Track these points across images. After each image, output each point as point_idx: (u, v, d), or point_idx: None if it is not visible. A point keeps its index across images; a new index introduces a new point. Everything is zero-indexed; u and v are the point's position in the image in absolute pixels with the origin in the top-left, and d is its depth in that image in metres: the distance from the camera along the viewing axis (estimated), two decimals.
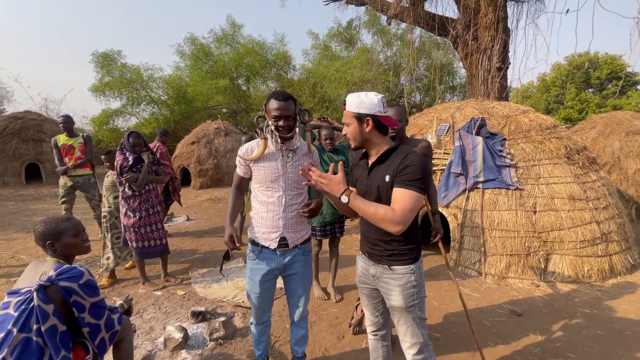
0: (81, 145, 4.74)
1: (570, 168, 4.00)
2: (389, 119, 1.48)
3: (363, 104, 1.44)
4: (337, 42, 18.46)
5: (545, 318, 2.88)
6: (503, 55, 6.89)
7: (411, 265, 1.49)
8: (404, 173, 1.37)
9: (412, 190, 1.35)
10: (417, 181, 1.36)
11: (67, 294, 1.45)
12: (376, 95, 1.46)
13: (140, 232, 3.19)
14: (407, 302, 1.48)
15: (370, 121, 1.45)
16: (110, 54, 15.02)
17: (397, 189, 1.38)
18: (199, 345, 2.43)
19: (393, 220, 1.33)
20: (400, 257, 1.50)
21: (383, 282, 1.54)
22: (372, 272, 1.59)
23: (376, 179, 1.49)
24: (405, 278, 1.48)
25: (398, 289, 1.49)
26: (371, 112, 1.44)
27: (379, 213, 1.36)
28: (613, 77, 22.64)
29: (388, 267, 1.51)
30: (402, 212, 1.33)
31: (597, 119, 7.45)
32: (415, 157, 1.39)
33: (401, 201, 1.35)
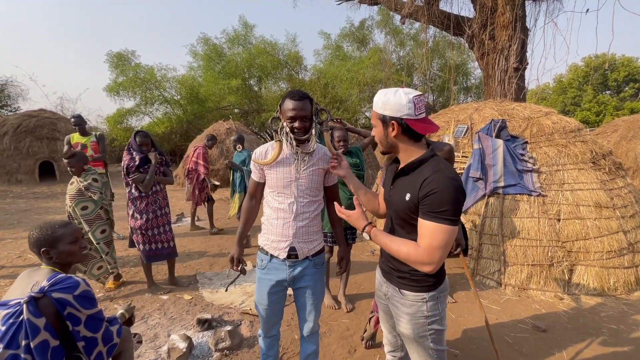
0: (93, 144, 4.75)
1: (596, 174, 3.77)
2: (421, 124, 1.21)
3: (388, 104, 1.21)
4: (349, 42, 18.32)
5: (570, 334, 2.68)
6: (521, 55, 6.64)
7: (423, 294, 1.28)
8: (428, 201, 1.14)
9: (439, 223, 1.12)
10: (445, 212, 1.11)
11: (60, 306, 1.35)
12: (407, 94, 1.20)
13: (147, 234, 3.11)
14: (417, 333, 1.31)
15: (395, 125, 1.22)
16: (124, 54, 15.22)
17: (423, 221, 1.16)
18: (203, 355, 2.33)
19: (418, 261, 1.16)
20: (411, 281, 1.31)
21: (393, 305, 1.39)
22: (384, 290, 1.45)
23: (398, 193, 1.29)
24: (415, 307, 1.30)
25: (407, 317, 1.32)
26: (397, 115, 1.20)
27: (401, 252, 1.20)
28: (630, 80, 21.93)
29: (398, 290, 1.35)
30: (428, 251, 1.14)
31: (619, 122, 7.14)
32: (442, 180, 1.13)
33: (428, 237, 1.14)
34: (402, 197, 1.25)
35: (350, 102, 15.14)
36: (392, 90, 1.23)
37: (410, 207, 1.21)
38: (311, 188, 1.68)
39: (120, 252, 4.44)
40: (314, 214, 1.71)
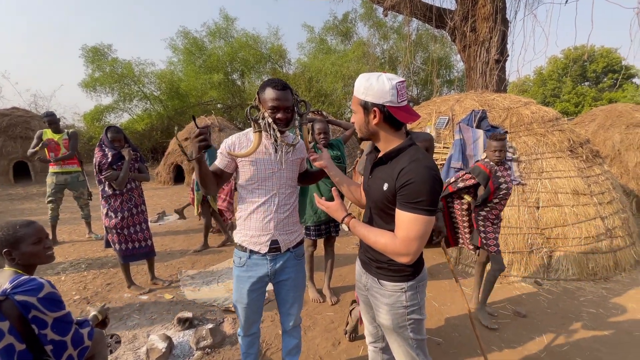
0: (66, 141, 4.57)
1: (573, 162, 3.86)
2: (402, 112, 1.17)
3: (371, 90, 1.17)
4: (333, 35, 18.20)
5: (550, 319, 2.75)
6: (501, 47, 6.73)
7: (402, 284, 1.27)
8: (405, 192, 1.12)
9: (416, 213, 1.10)
10: (422, 202, 1.10)
11: (24, 309, 1.28)
12: (390, 80, 1.15)
13: (123, 233, 3.00)
14: (396, 323, 1.30)
15: (377, 112, 1.18)
16: (100, 48, 14.63)
17: (400, 212, 1.15)
18: (184, 354, 2.27)
19: (395, 252, 1.15)
20: (389, 271, 1.29)
21: (372, 296, 1.38)
22: (363, 281, 1.43)
23: (376, 182, 1.27)
24: (394, 297, 1.28)
25: (386, 307, 1.31)
26: (380, 101, 1.16)
27: (379, 243, 1.19)
28: (609, 70, 22.62)
29: (377, 281, 1.33)
30: (405, 242, 1.13)
31: (597, 112, 7.34)
32: (419, 170, 1.11)
33: (405, 228, 1.13)
34: (380, 187, 1.22)
35: (335, 96, 15.08)
36: (374, 75, 1.18)
37: (388, 197, 1.19)
38: (292, 178, 1.65)
39: (97, 254, 4.30)
40: (294, 205, 1.68)
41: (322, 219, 2.80)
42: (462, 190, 2.65)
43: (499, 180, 2.51)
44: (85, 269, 3.78)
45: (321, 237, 2.90)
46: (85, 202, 4.83)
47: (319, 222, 2.83)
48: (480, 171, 2.55)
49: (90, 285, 3.39)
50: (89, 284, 3.42)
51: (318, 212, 2.79)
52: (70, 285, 3.38)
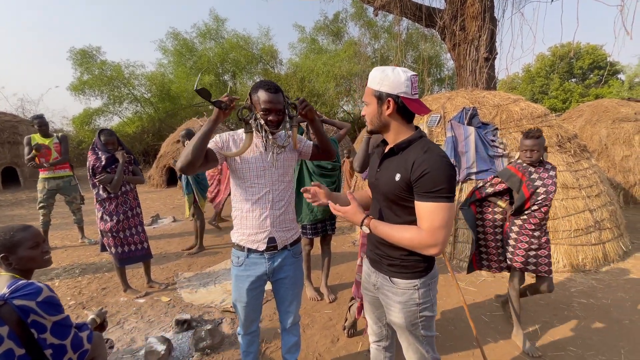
0: (56, 145, 4.50)
1: (562, 156, 3.95)
2: (415, 104, 1.20)
3: (386, 81, 1.18)
4: (324, 35, 18.22)
5: (543, 310, 2.82)
6: (490, 45, 6.84)
7: (415, 281, 1.26)
8: (423, 182, 1.12)
9: (437, 202, 1.11)
10: (442, 190, 1.11)
11: (23, 313, 1.28)
12: (405, 72, 1.18)
13: (119, 236, 2.99)
14: (409, 321, 1.29)
15: (391, 102, 1.19)
16: (88, 50, 14.45)
17: (420, 203, 1.15)
18: (184, 356, 2.27)
19: (423, 244, 1.14)
20: (402, 268, 1.28)
21: (383, 295, 1.36)
22: (372, 280, 1.41)
23: (386, 174, 1.26)
24: (407, 294, 1.27)
25: (398, 305, 1.29)
26: (394, 91, 1.18)
27: (404, 238, 1.17)
28: (595, 67, 23.09)
29: (389, 279, 1.31)
30: (431, 232, 1.12)
31: (584, 107, 7.50)
32: (434, 159, 1.13)
33: (428, 218, 1.12)
34: (392, 177, 1.22)
35: (327, 96, 15.12)
36: (389, 68, 1.21)
37: (402, 187, 1.19)
38: (284, 174, 1.66)
39: (91, 259, 4.26)
40: (289, 200, 1.69)
41: (318, 218, 2.83)
42: (491, 196, 2.37)
43: (534, 183, 2.18)
44: (79, 274, 3.74)
45: (317, 235, 2.93)
46: (78, 206, 4.78)
47: (315, 221, 2.85)
48: (510, 175, 2.26)
49: (85, 290, 3.36)
50: (83, 289, 3.39)
51: (314, 211, 2.82)
52: (65, 290, 3.34)
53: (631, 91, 21.86)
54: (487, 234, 2.43)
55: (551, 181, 2.17)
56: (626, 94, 19.27)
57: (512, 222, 2.30)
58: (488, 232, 2.43)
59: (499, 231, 2.39)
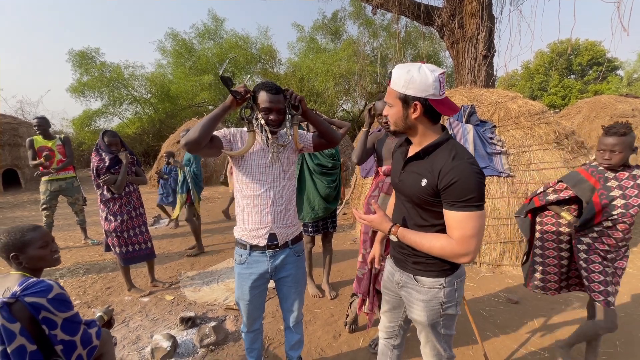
0: (60, 147, 4.52)
1: (560, 153, 3.99)
2: (444, 106, 1.13)
3: (413, 83, 1.11)
4: (323, 34, 18.22)
5: (541, 305, 2.86)
6: (489, 42, 6.86)
7: (440, 279, 1.24)
8: (452, 191, 1.09)
9: (468, 211, 1.08)
10: (472, 199, 1.07)
11: (34, 310, 1.32)
12: (432, 72, 1.10)
13: (123, 236, 3.03)
14: (430, 319, 1.29)
15: (419, 107, 1.13)
16: (87, 52, 14.48)
17: (450, 212, 1.12)
18: (189, 352, 2.32)
19: (454, 253, 1.12)
20: (427, 267, 1.26)
21: (406, 292, 1.35)
22: (396, 279, 1.39)
23: (411, 177, 1.23)
24: (431, 293, 1.26)
25: (422, 304, 1.28)
26: (422, 94, 1.11)
27: (434, 247, 1.14)
28: (594, 63, 23.11)
29: (413, 277, 1.30)
30: (462, 241, 1.10)
31: (582, 104, 7.53)
32: (462, 167, 1.08)
33: (458, 227, 1.10)
34: (417, 182, 1.19)
35: (327, 95, 15.14)
36: (415, 67, 1.13)
37: (428, 192, 1.16)
38: (285, 171, 1.70)
39: (94, 259, 4.30)
40: (290, 197, 1.73)
41: (319, 216, 2.87)
42: (553, 204, 1.97)
43: (610, 193, 1.75)
44: (83, 274, 3.79)
45: (319, 233, 2.97)
46: (81, 207, 4.81)
47: (316, 219, 2.90)
48: (578, 180, 1.86)
49: (89, 289, 3.40)
50: (88, 288, 3.43)
51: (315, 209, 2.86)
52: (70, 290, 3.38)
53: (630, 87, 21.88)
54: (546, 249, 2.05)
55: (637, 191, 1.68)
56: (625, 90, 19.29)
57: (578, 240, 1.87)
58: (548, 248, 2.03)
59: (564, 247, 1.97)
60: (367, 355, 2.26)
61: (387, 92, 1.22)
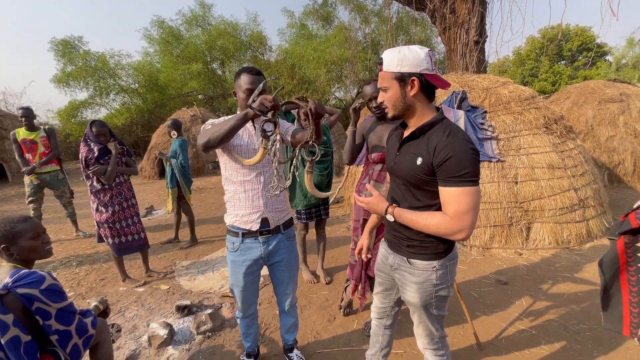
0: (44, 139, 4.41)
1: (549, 137, 4.05)
2: (438, 80, 1.17)
3: (406, 61, 1.14)
4: (314, 20, 17.89)
5: (529, 285, 2.95)
6: (480, 28, 6.82)
7: (433, 262, 1.26)
8: (447, 167, 1.10)
9: (462, 186, 1.09)
10: (466, 175, 1.09)
11: (27, 301, 1.32)
12: (421, 49, 1.16)
13: (115, 227, 3.01)
14: (423, 300, 1.32)
15: (416, 82, 1.15)
16: (70, 40, 14.00)
17: (445, 189, 1.13)
18: (186, 340, 2.34)
19: (450, 229, 1.12)
20: (420, 249, 1.28)
21: (399, 275, 1.38)
22: (390, 261, 1.42)
23: (406, 158, 1.24)
24: (424, 275, 1.28)
25: (415, 286, 1.31)
26: (417, 69, 1.14)
27: (430, 225, 1.16)
28: (583, 49, 23.22)
29: (406, 260, 1.32)
30: (457, 217, 1.11)
31: (571, 89, 7.59)
32: (457, 143, 1.10)
33: (453, 203, 1.11)
34: (413, 161, 1.20)
35: (319, 82, 14.98)
36: (403, 47, 1.17)
37: (424, 171, 1.17)
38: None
39: (87, 251, 4.28)
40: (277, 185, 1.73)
41: (312, 203, 2.88)
42: None
43: None
44: (76, 266, 3.77)
45: (312, 220, 2.99)
46: (68, 200, 4.73)
47: (309, 206, 2.91)
48: None
49: (83, 281, 3.39)
50: (82, 280, 3.42)
51: (308, 196, 2.87)
52: (63, 282, 3.37)
53: (618, 72, 22.13)
54: None
55: None
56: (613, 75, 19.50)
57: None
58: None
59: None
60: (361, 337, 2.32)
61: (380, 77, 1.23)
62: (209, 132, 1.48)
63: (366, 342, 2.24)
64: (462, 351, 2.16)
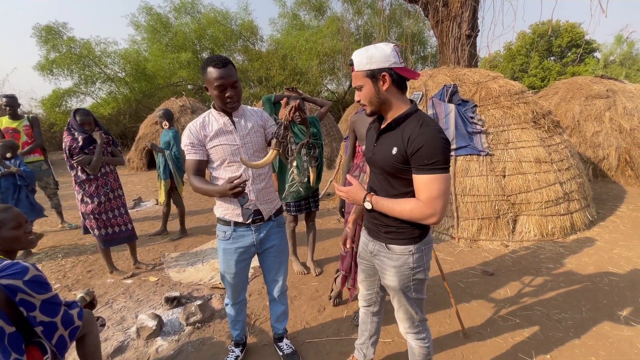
0: (27, 128, 4.28)
1: (536, 132, 4.11)
2: (407, 71, 1.25)
3: (374, 58, 1.21)
4: (306, 10, 17.63)
5: (514, 276, 3.03)
6: (472, 22, 6.83)
7: (410, 246, 1.34)
8: (420, 156, 1.17)
9: (433, 173, 1.17)
10: (437, 162, 1.16)
11: (10, 292, 1.29)
12: (386, 45, 1.23)
13: (101, 218, 2.95)
14: (402, 284, 1.38)
15: (387, 77, 1.22)
16: (54, 26, 13.48)
17: (417, 176, 1.20)
18: (175, 331, 2.34)
19: (423, 214, 1.20)
20: (397, 235, 1.35)
21: (379, 260, 1.45)
22: (370, 248, 1.49)
23: (383, 148, 1.31)
24: (402, 259, 1.35)
25: (393, 269, 1.38)
26: (386, 64, 1.21)
27: (405, 211, 1.23)
28: (573, 45, 23.50)
29: (385, 246, 1.39)
30: (429, 202, 1.18)
31: (559, 85, 7.70)
32: (429, 133, 1.17)
33: (425, 189, 1.18)
34: (389, 151, 1.26)
35: (311, 74, 14.85)
36: (370, 47, 1.24)
37: (399, 159, 1.23)
38: (258, 150, 1.70)
39: (74, 241, 4.20)
40: (267, 173, 1.76)
41: (301, 195, 2.88)
42: None
43: None
44: (62, 258, 3.70)
45: (301, 212, 2.99)
46: (53, 191, 4.62)
47: (299, 199, 2.91)
48: None
49: (69, 273, 3.34)
50: (68, 272, 3.37)
51: (295, 189, 2.86)
52: (49, 274, 3.31)
53: (606, 69, 22.51)
54: None
55: None
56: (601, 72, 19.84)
57: None
58: None
59: None
60: (350, 326, 2.35)
61: (354, 77, 1.29)
62: (191, 174, 1.59)
63: (355, 331, 2.27)
64: (447, 338, 2.22)
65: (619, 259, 3.26)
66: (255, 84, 15.97)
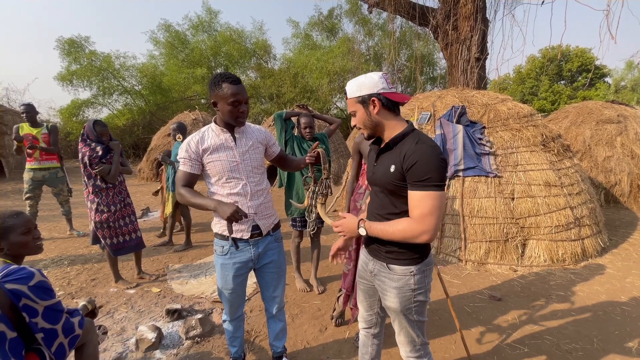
0: (45, 136, 4.43)
1: (546, 155, 4.07)
2: (396, 95, 1.29)
3: (364, 85, 1.29)
4: (318, 31, 18.19)
5: (522, 302, 2.93)
6: (482, 45, 6.94)
7: (411, 267, 1.32)
8: (414, 172, 1.19)
9: (426, 190, 1.17)
10: (430, 179, 1.17)
11: (15, 297, 1.30)
12: (376, 73, 1.31)
13: (114, 226, 2.99)
14: (403, 305, 1.35)
15: (376, 101, 1.28)
16: (77, 40, 14.15)
17: (411, 192, 1.21)
18: (174, 344, 2.31)
19: (415, 232, 1.19)
20: (399, 255, 1.33)
21: (379, 281, 1.42)
22: (370, 267, 1.47)
23: (382, 167, 1.33)
24: (402, 280, 1.33)
25: (394, 291, 1.35)
26: (374, 90, 1.28)
27: (397, 231, 1.23)
28: (583, 70, 23.56)
29: (386, 266, 1.37)
30: (421, 220, 1.18)
31: (569, 109, 7.68)
32: (424, 150, 1.19)
33: (418, 206, 1.19)
34: (387, 169, 1.29)
35: (321, 92, 15.12)
36: (361, 76, 1.32)
37: (397, 176, 1.25)
38: (257, 166, 1.72)
39: (79, 250, 4.24)
40: (266, 189, 1.77)
41: None
42: None
43: None
44: (68, 265, 3.73)
45: (307, 228, 2.98)
46: (66, 198, 4.73)
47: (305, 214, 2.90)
48: None
49: (74, 281, 3.35)
50: (72, 279, 3.38)
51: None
52: (53, 281, 3.33)
53: (617, 94, 22.42)
54: None
55: None
56: (612, 97, 19.76)
57: None
58: None
59: None
60: (351, 348, 2.29)
61: (348, 104, 1.37)
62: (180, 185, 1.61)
63: (357, 353, 2.21)
64: None
65: (632, 288, 3.14)
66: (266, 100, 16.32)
